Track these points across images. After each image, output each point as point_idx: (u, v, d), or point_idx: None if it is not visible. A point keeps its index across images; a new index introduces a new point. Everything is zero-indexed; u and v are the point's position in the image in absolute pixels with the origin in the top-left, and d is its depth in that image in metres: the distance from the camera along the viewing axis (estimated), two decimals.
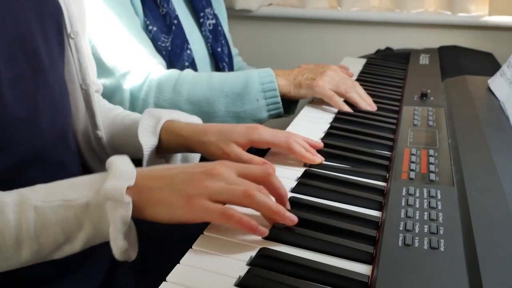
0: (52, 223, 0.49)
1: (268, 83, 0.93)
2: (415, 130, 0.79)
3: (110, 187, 0.48)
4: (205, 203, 0.49)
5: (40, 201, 0.49)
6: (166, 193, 0.50)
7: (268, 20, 1.67)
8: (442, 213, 0.53)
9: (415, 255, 0.46)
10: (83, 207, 0.49)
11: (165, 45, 0.98)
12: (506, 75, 0.94)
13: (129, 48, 0.92)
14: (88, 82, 0.71)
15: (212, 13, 1.14)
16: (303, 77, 0.96)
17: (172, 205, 0.50)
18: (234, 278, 0.45)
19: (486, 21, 1.47)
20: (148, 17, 0.96)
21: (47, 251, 0.50)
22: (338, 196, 0.60)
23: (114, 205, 0.48)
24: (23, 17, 0.58)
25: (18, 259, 0.50)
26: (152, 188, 0.51)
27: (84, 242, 0.50)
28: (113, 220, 0.48)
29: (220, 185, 0.51)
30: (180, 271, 0.46)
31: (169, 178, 0.51)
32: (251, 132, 0.69)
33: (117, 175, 0.50)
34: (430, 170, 0.63)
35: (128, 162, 0.53)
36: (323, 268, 0.46)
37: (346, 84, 0.95)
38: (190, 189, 0.50)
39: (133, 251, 0.52)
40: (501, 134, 0.75)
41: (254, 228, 0.50)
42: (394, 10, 1.57)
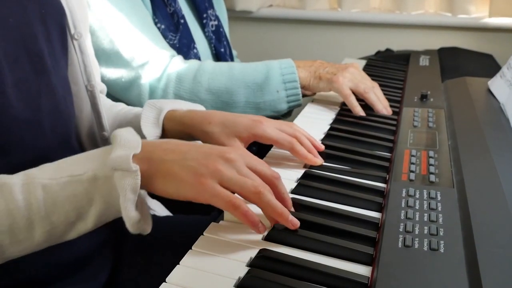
0: (61, 199, 0.48)
1: (289, 74, 0.92)
2: (415, 132, 0.79)
3: (116, 157, 0.48)
4: (215, 186, 0.48)
5: (47, 178, 0.49)
6: (176, 167, 0.49)
7: (269, 21, 1.68)
8: (442, 215, 0.53)
9: (415, 256, 0.46)
10: (91, 181, 0.48)
11: (173, 43, 0.98)
12: (506, 76, 0.94)
13: (146, 40, 0.92)
14: (93, 83, 0.71)
15: (214, 15, 1.14)
16: (324, 70, 0.95)
17: (182, 181, 0.49)
18: (234, 279, 0.45)
19: (486, 23, 1.47)
20: (156, 15, 0.96)
21: (60, 230, 0.49)
22: (338, 197, 0.60)
23: (122, 174, 0.47)
24: (27, 19, 0.58)
25: (32, 241, 0.49)
26: (163, 159, 0.50)
27: (96, 218, 0.49)
28: (122, 190, 0.47)
29: (233, 173, 0.50)
30: (179, 272, 0.46)
31: (182, 153, 0.51)
32: (255, 126, 0.68)
33: (122, 144, 0.49)
34: (430, 172, 0.63)
35: (133, 132, 0.52)
36: (322, 269, 0.46)
37: (365, 84, 0.94)
38: (203, 168, 0.49)
39: (147, 223, 0.51)
40: (501, 135, 0.75)
41: (255, 223, 0.49)
42: (394, 12, 1.57)
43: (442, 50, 1.41)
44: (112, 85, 0.91)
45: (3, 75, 0.53)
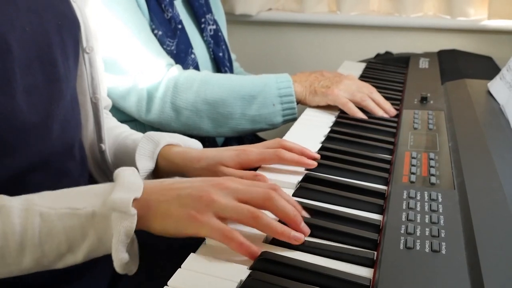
0: (57, 230, 0.49)
1: (285, 88, 0.93)
2: (415, 134, 0.79)
3: (117, 198, 0.49)
4: (210, 221, 0.49)
5: (47, 207, 0.49)
6: (172, 208, 0.50)
7: (268, 25, 1.68)
8: (443, 216, 0.53)
9: (417, 258, 0.46)
10: (89, 217, 0.49)
11: (170, 49, 0.98)
12: (506, 78, 0.94)
13: (143, 48, 0.93)
14: (98, 96, 0.72)
15: (213, 19, 1.15)
16: (319, 84, 0.96)
17: (179, 220, 0.50)
18: (236, 282, 0.45)
19: (485, 25, 1.48)
20: (153, 21, 0.96)
21: (49, 260, 0.50)
22: (339, 200, 0.60)
23: (119, 216, 0.48)
24: (43, 28, 0.59)
25: (19, 266, 0.49)
26: (160, 201, 0.51)
27: (86, 253, 0.50)
28: (117, 232, 0.48)
29: (227, 201, 0.50)
30: (181, 276, 0.46)
31: (177, 191, 0.51)
32: (239, 155, 0.69)
33: (124, 186, 0.50)
34: (431, 173, 0.63)
35: (136, 174, 0.53)
36: (324, 272, 0.46)
37: (362, 92, 0.94)
38: (197, 204, 0.50)
39: (134, 264, 0.52)
40: (501, 137, 0.75)
41: (253, 254, 0.49)
42: (393, 14, 1.58)
43: (442, 53, 1.41)
44: (110, 93, 0.92)
45: (15, 80, 0.54)
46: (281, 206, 0.51)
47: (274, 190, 0.53)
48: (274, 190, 0.53)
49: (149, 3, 0.96)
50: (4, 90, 0.53)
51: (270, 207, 0.51)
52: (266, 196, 0.51)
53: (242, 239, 0.49)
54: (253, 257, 0.49)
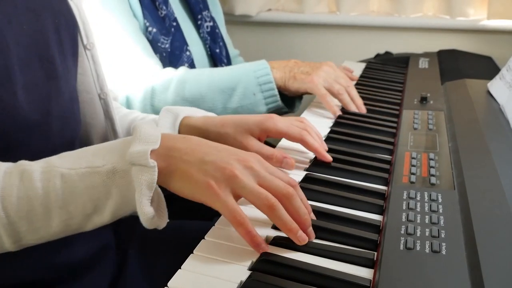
0: (79, 190, 0.48)
1: (263, 76, 0.92)
2: (415, 134, 0.79)
3: (134, 151, 0.48)
4: (226, 197, 0.48)
5: (67, 168, 0.49)
6: (194, 170, 0.49)
7: (268, 25, 1.68)
8: (443, 217, 0.53)
9: (417, 258, 0.46)
10: (109, 173, 0.49)
11: (165, 46, 0.98)
12: (506, 78, 0.94)
13: (125, 53, 0.93)
14: (106, 91, 0.73)
15: (210, 16, 1.15)
16: (299, 69, 0.95)
17: (197, 184, 0.49)
18: (236, 283, 0.45)
19: (484, 25, 1.48)
20: (147, 19, 0.96)
21: (77, 221, 0.50)
22: (339, 200, 0.60)
23: (139, 169, 0.48)
24: (41, 26, 0.60)
25: (48, 230, 0.49)
26: (182, 159, 0.50)
27: (112, 211, 0.50)
28: (138, 185, 0.47)
29: (249, 180, 0.49)
30: (181, 276, 0.46)
31: (201, 154, 0.50)
32: (265, 121, 0.69)
33: (141, 139, 0.49)
34: (431, 174, 0.63)
35: (153, 127, 0.52)
36: (324, 273, 0.46)
37: (340, 83, 0.95)
38: (218, 174, 0.49)
39: (162, 219, 0.51)
40: (501, 137, 0.75)
41: (257, 244, 0.49)
42: (393, 15, 1.58)
43: (441, 53, 1.41)
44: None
45: (15, 77, 0.54)
46: (296, 206, 0.51)
47: (294, 187, 0.53)
48: (294, 187, 0.53)
49: (143, 1, 0.96)
50: (5, 87, 0.53)
51: (286, 203, 0.51)
52: (285, 192, 0.51)
53: (251, 228, 0.48)
54: (256, 247, 0.48)
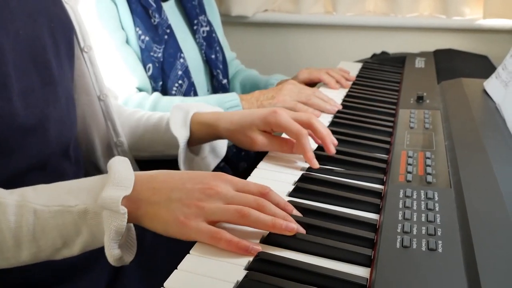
0: (51, 227, 0.50)
1: (233, 107, 0.95)
2: (411, 133, 0.79)
3: (107, 196, 0.49)
4: (197, 225, 0.50)
5: (40, 204, 0.50)
6: (162, 210, 0.51)
7: (264, 26, 1.68)
8: (440, 215, 0.53)
9: (413, 256, 0.46)
10: (81, 214, 0.50)
11: (157, 55, 0.98)
12: (501, 77, 0.95)
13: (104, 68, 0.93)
14: (106, 93, 0.73)
15: (206, 20, 1.14)
16: (264, 97, 0.99)
17: (167, 223, 0.50)
18: (232, 283, 0.45)
19: (480, 24, 1.48)
20: (139, 27, 0.96)
21: (46, 254, 0.51)
22: (336, 200, 0.60)
23: (110, 214, 0.49)
24: (37, 32, 0.60)
25: (18, 259, 0.51)
26: (150, 202, 0.51)
27: (81, 247, 0.51)
28: (108, 229, 0.49)
29: (216, 206, 0.51)
30: (177, 277, 0.46)
31: (168, 192, 0.52)
32: (268, 116, 0.71)
33: (115, 182, 0.50)
34: (427, 172, 0.63)
35: (128, 167, 0.53)
36: (321, 272, 0.46)
37: (305, 93, 0.98)
38: (186, 210, 0.50)
39: (129, 256, 0.52)
40: (497, 135, 0.75)
41: (244, 248, 0.49)
42: (389, 15, 1.58)
43: (438, 52, 1.41)
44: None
45: (10, 84, 0.55)
46: (272, 213, 0.51)
47: (265, 195, 0.53)
48: (266, 194, 0.53)
49: (135, 10, 0.96)
50: (0, 94, 0.53)
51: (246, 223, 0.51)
52: (255, 204, 0.51)
53: (230, 237, 0.49)
54: (244, 251, 0.49)
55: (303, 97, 0.97)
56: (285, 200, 0.56)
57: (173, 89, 1.00)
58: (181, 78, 1.02)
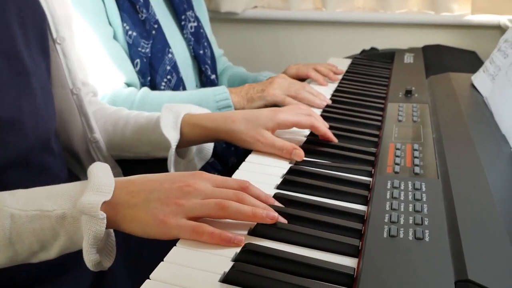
0: (27, 232, 0.49)
1: (223, 100, 0.95)
2: (400, 126, 0.79)
3: (86, 201, 0.48)
4: (177, 222, 0.49)
5: (17, 209, 0.49)
6: (141, 212, 0.50)
7: (254, 23, 1.68)
8: (427, 205, 0.53)
9: (400, 246, 0.46)
10: (59, 219, 0.49)
11: (145, 51, 0.98)
12: (489, 71, 0.95)
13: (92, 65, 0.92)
14: (79, 86, 0.71)
15: (194, 16, 1.14)
16: (254, 90, 0.98)
17: (147, 224, 0.50)
18: (219, 274, 0.45)
19: (469, 20, 1.49)
20: (127, 22, 0.95)
21: (23, 257, 0.50)
22: (324, 192, 0.60)
23: (89, 219, 0.48)
24: (5, 21, 0.58)
25: None
26: (129, 204, 0.51)
27: (59, 251, 0.51)
28: (87, 234, 0.48)
29: (195, 202, 0.50)
30: (164, 269, 0.45)
31: (146, 194, 0.51)
32: (277, 116, 0.72)
33: (94, 188, 0.50)
34: (415, 164, 0.63)
35: (108, 173, 0.53)
36: (308, 262, 0.46)
37: (295, 87, 0.98)
38: (165, 208, 0.50)
39: (108, 261, 0.52)
40: (485, 128, 0.75)
41: (228, 240, 0.49)
42: (378, 11, 1.58)
43: (426, 48, 1.42)
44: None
45: None
46: (252, 204, 0.51)
47: (245, 189, 0.53)
48: (245, 188, 0.53)
49: (122, 5, 0.95)
50: None
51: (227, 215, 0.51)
52: (235, 198, 0.51)
53: (212, 229, 0.49)
54: (228, 243, 0.48)
55: (292, 91, 0.97)
56: (266, 193, 0.56)
57: (162, 84, 1.00)
58: (170, 73, 1.01)
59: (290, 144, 0.70)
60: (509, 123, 0.73)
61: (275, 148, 0.70)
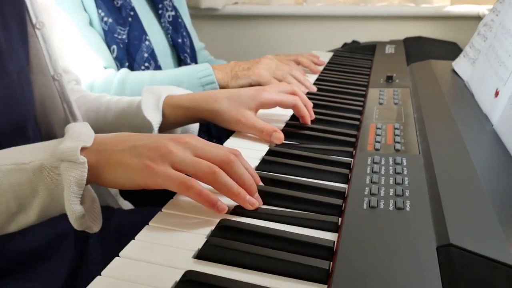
0: (4, 187, 0.45)
1: (206, 77, 0.93)
2: (380, 108, 0.78)
3: (64, 147, 0.46)
4: (165, 169, 0.46)
5: None
6: (127, 156, 0.47)
7: (235, 19, 1.67)
8: (408, 178, 0.51)
9: (381, 216, 0.44)
10: (36, 171, 0.46)
11: (122, 37, 0.96)
12: (469, 55, 0.95)
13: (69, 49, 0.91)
14: (60, 72, 0.69)
15: (172, 5, 1.13)
16: (240, 68, 0.97)
17: (132, 169, 0.47)
18: (193, 250, 0.43)
19: (448, 11, 1.49)
20: (102, 9, 0.94)
21: (0, 221, 0.47)
22: (304, 171, 0.58)
23: (68, 165, 0.45)
24: None
25: None
26: (114, 150, 0.48)
27: (39, 211, 0.47)
28: (67, 182, 0.45)
29: (185, 154, 0.48)
30: (135, 247, 0.43)
31: (133, 142, 0.49)
32: (259, 94, 0.71)
33: (73, 137, 0.47)
34: (396, 141, 0.62)
35: (88, 127, 0.50)
36: (286, 236, 0.44)
37: (282, 70, 0.97)
38: (152, 153, 0.47)
39: (95, 222, 0.49)
40: (466, 108, 0.75)
41: (213, 203, 0.47)
42: (359, 4, 1.58)
43: (408, 40, 1.42)
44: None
45: None
46: (239, 172, 0.49)
47: (238, 155, 0.52)
48: (237, 156, 0.51)
49: None
50: None
51: (228, 170, 0.49)
52: (225, 159, 0.49)
53: (201, 187, 0.46)
54: (212, 206, 0.47)
55: (279, 75, 0.95)
56: (254, 170, 0.54)
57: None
58: (148, 60, 1.00)
59: (271, 126, 0.69)
60: (490, 101, 0.72)
61: (255, 129, 0.68)
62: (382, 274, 0.36)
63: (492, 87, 0.73)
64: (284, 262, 0.40)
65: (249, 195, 0.49)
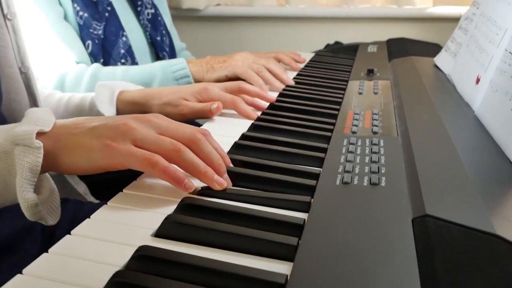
0: None
1: (180, 70, 0.91)
2: (360, 97, 0.75)
3: (19, 130, 0.42)
4: (128, 148, 0.43)
5: None
6: (85, 138, 0.44)
7: (217, 20, 1.65)
8: (385, 156, 0.49)
9: (354, 191, 0.42)
10: None
11: (97, 33, 0.93)
12: (451, 49, 0.93)
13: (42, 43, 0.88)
14: (27, 65, 0.67)
15: (151, 3, 1.11)
16: (215, 61, 0.96)
17: (91, 150, 0.43)
18: (152, 229, 0.39)
19: (431, 13, 1.49)
20: (78, 3, 0.91)
21: None
22: (277, 155, 0.56)
23: (23, 150, 0.42)
24: None
25: None
26: (72, 133, 0.45)
27: None
28: (20, 167, 0.41)
29: (148, 132, 0.45)
30: (89, 224, 0.40)
31: (92, 123, 0.46)
32: (201, 91, 0.72)
33: (31, 121, 0.44)
34: (374, 125, 0.60)
35: (49, 112, 0.47)
36: (253, 213, 0.41)
37: (258, 63, 0.95)
38: (112, 131, 0.44)
39: (52, 215, 0.45)
40: (447, 97, 0.73)
41: (180, 180, 0.44)
42: (341, 6, 1.57)
43: (390, 41, 1.41)
44: None
45: None
46: (207, 151, 0.46)
47: (206, 135, 0.49)
48: (207, 135, 0.49)
49: None
50: None
51: (196, 149, 0.46)
52: (191, 137, 0.46)
53: (167, 164, 0.43)
54: (179, 184, 0.44)
55: (255, 67, 0.93)
56: (224, 151, 0.51)
57: None
58: (124, 57, 0.97)
59: (210, 103, 0.69)
60: (471, 89, 0.70)
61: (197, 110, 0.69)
62: (352, 249, 0.34)
63: (473, 75, 0.72)
64: (250, 239, 0.37)
65: (218, 174, 0.46)
